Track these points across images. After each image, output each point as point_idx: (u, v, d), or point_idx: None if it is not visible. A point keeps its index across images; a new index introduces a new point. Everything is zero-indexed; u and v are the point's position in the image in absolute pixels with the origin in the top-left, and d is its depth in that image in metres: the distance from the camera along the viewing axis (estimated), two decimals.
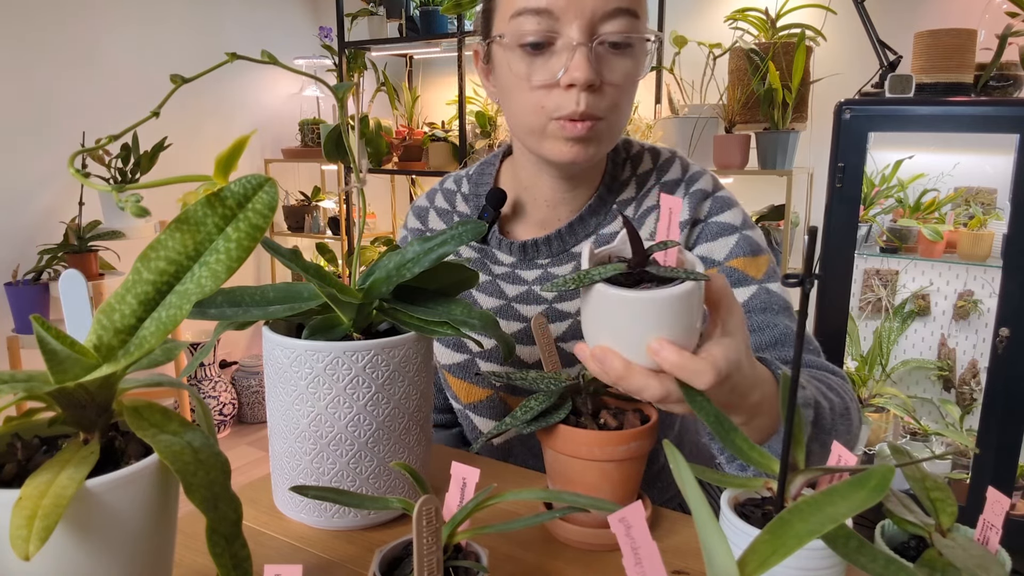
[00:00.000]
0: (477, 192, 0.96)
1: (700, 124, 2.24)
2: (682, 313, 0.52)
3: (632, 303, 0.52)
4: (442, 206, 0.99)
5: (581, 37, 0.73)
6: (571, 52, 0.74)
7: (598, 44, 0.74)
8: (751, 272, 0.84)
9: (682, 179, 0.89)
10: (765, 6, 2.22)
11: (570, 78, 0.74)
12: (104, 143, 0.57)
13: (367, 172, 3.00)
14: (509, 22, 0.76)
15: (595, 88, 0.75)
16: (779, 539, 0.37)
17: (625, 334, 0.53)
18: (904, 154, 2.14)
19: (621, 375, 0.53)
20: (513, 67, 0.78)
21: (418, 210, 1.01)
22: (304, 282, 0.65)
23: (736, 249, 0.84)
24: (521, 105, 0.79)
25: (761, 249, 0.86)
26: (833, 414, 0.70)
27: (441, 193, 1.00)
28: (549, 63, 0.76)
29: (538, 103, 0.77)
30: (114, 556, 0.42)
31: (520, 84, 0.78)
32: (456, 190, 0.99)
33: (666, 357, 0.51)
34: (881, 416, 2.22)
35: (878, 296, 2.29)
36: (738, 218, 0.87)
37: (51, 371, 0.42)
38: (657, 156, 0.92)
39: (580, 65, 0.73)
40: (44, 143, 2.54)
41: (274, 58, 0.59)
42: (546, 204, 0.91)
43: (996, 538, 0.47)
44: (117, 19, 2.72)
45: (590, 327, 0.56)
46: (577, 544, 0.65)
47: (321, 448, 0.64)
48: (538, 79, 0.76)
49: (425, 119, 3.37)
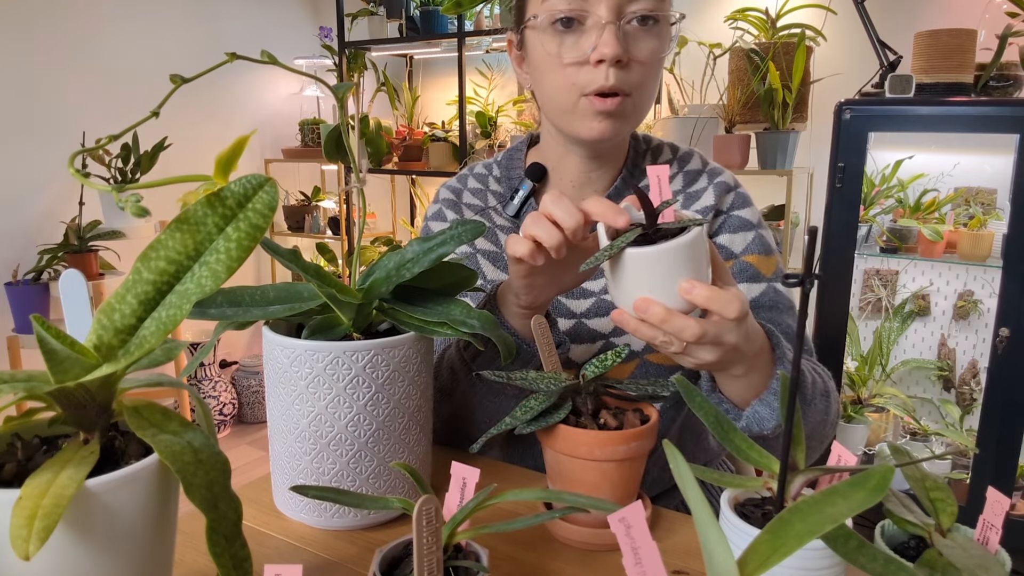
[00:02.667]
0: (509, 175, 0.98)
1: (700, 124, 2.24)
2: (699, 255, 0.60)
3: (660, 256, 0.59)
4: (475, 186, 1.01)
5: (610, 15, 0.77)
6: (600, 30, 0.78)
7: (626, 23, 0.79)
8: (763, 270, 0.88)
9: (703, 170, 0.94)
10: (765, 6, 2.22)
11: (599, 54, 0.78)
12: (104, 143, 0.57)
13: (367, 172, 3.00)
14: (542, 4, 0.81)
15: (623, 64, 0.79)
16: (779, 539, 0.37)
17: (659, 287, 0.60)
18: (904, 154, 2.14)
19: (664, 318, 0.59)
20: (546, 46, 0.81)
21: (451, 188, 1.02)
22: (304, 282, 0.65)
23: (752, 246, 0.89)
24: (553, 83, 0.83)
25: (772, 249, 0.91)
26: (815, 389, 0.76)
27: (472, 176, 1.02)
28: (579, 41, 0.80)
29: (569, 80, 0.81)
30: (114, 556, 0.42)
31: (552, 63, 0.82)
32: (488, 174, 1.02)
33: (699, 292, 0.58)
34: (881, 416, 2.22)
35: (878, 296, 2.29)
36: (755, 216, 0.92)
37: (51, 371, 0.42)
38: (676, 150, 0.97)
39: (609, 41, 0.77)
40: (44, 143, 2.54)
41: (274, 58, 0.59)
42: (572, 185, 0.93)
43: (996, 538, 0.48)
44: (117, 19, 2.72)
45: (624, 292, 0.62)
46: (577, 544, 0.65)
47: (321, 448, 0.64)
48: (569, 56, 0.80)
49: (425, 119, 3.37)
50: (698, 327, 0.60)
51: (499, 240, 0.95)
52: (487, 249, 0.95)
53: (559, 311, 0.90)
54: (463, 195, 1.00)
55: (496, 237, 0.95)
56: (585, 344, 0.88)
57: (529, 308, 0.75)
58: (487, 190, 1.00)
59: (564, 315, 0.90)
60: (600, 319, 0.89)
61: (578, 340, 0.88)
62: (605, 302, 0.89)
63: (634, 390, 0.67)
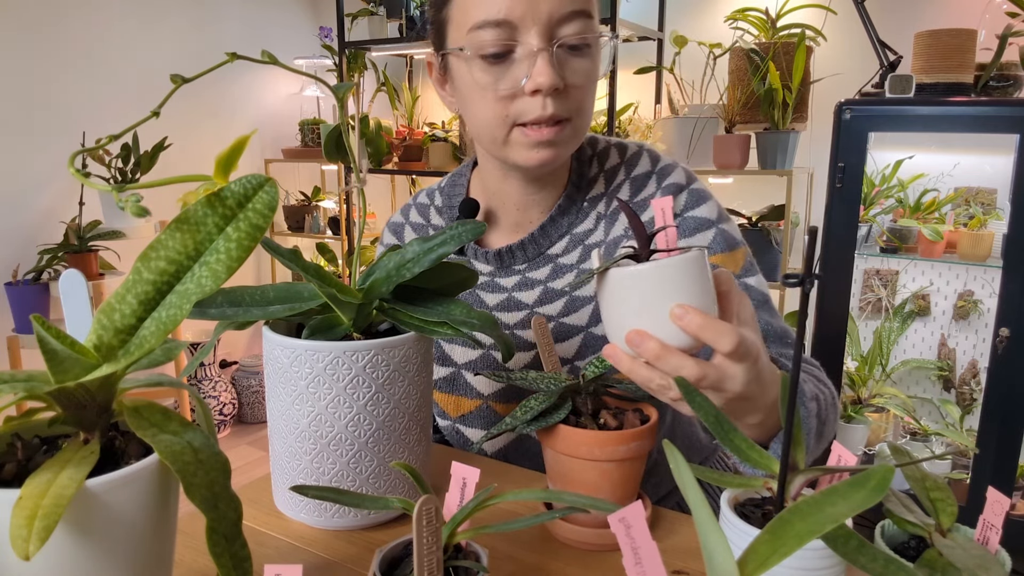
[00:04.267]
0: (450, 204, 0.96)
1: (700, 124, 2.24)
2: (697, 280, 0.54)
3: (646, 275, 0.54)
4: (416, 220, 0.99)
5: (541, 43, 0.74)
6: (532, 58, 0.74)
7: (558, 48, 0.75)
8: (729, 267, 0.83)
9: (652, 171, 0.89)
10: (765, 6, 2.22)
11: (535, 84, 0.74)
12: (104, 143, 0.57)
13: (367, 172, 3.00)
14: (468, 35, 0.76)
15: (560, 91, 0.76)
16: (779, 539, 0.37)
17: (650, 313, 0.54)
18: (904, 154, 2.14)
19: (659, 354, 0.54)
20: (474, 75, 0.77)
21: (393, 226, 1.01)
22: (304, 282, 0.65)
23: (713, 245, 0.84)
24: (484, 115, 0.79)
25: (737, 243, 0.85)
26: (826, 404, 0.72)
27: (415, 208, 1.01)
28: (511, 71, 0.76)
29: (502, 112, 0.77)
30: (114, 556, 0.42)
31: (483, 94, 0.78)
32: (430, 204, 1.00)
33: (691, 319, 0.53)
34: (881, 416, 2.22)
35: (878, 296, 2.29)
36: (714, 212, 0.86)
37: (51, 371, 0.42)
38: (624, 150, 0.91)
39: (543, 70, 0.74)
40: (44, 143, 2.54)
41: (274, 58, 0.59)
42: (516, 208, 0.91)
43: (996, 538, 0.47)
44: (117, 19, 2.72)
45: (614, 322, 0.57)
46: (577, 544, 0.65)
47: (321, 448, 0.64)
48: (502, 88, 0.76)
49: (425, 119, 3.37)
50: (697, 368, 0.54)
51: None
52: None
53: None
54: (404, 230, 0.99)
55: None
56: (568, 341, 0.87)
57: None
58: (428, 224, 0.98)
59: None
60: (575, 314, 0.87)
61: (559, 339, 0.87)
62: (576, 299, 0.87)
63: (634, 390, 0.67)
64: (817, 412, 0.68)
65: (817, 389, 0.72)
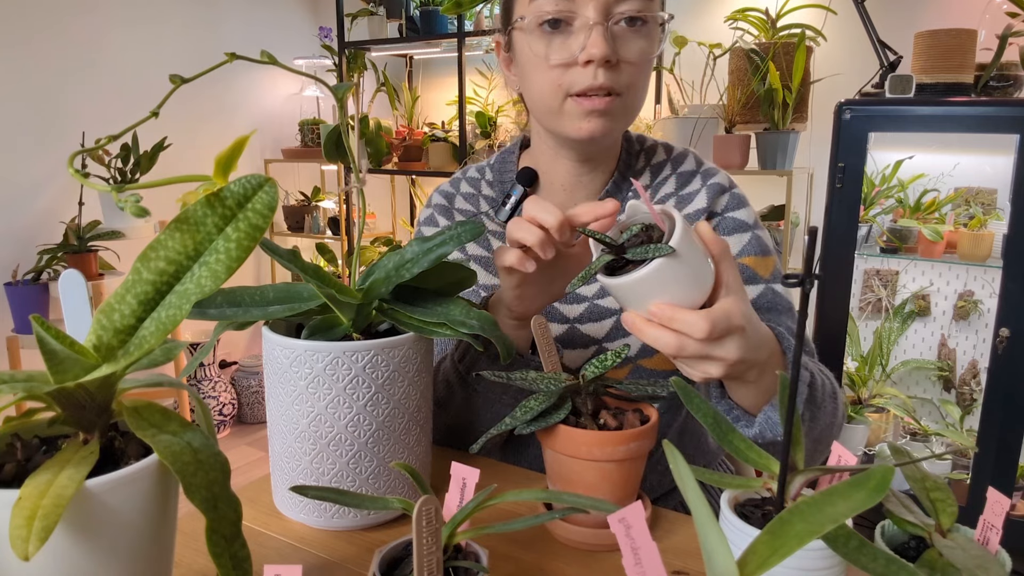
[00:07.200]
0: (501, 179, 0.98)
1: (700, 124, 2.24)
2: (666, 282, 0.58)
3: (622, 286, 0.59)
4: (467, 191, 1.01)
5: (597, 16, 0.77)
6: (588, 31, 0.77)
7: (614, 24, 0.78)
8: (760, 271, 0.87)
9: (697, 171, 0.93)
10: (765, 6, 2.22)
11: (588, 54, 0.77)
12: (104, 143, 0.57)
13: (367, 172, 3.00)
14: (529, 5, 0.80)
15: (612, 64, 0.78)
16: (779, 539, 0.37)
17: (635, 307, 0.61)
18: (904, 154, 2.14)
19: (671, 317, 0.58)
20: (533, 47, 0.81)
21: (444, 192, 1.02)
22: (304, 282, 0.65)
23: (748, 247, 0.88)
24: (540, 85, 0.82)
25: (769, 250, 0.89)
26: (824, 391, 0.74)
27: (465, 180, 1.02)
28: (567, 42, 0.79)
29: (556, 81, 0.80)
30: (114, 556, 0.42)
31: (539, 64, 0.81)
32: (480, 177, 1.01)
33: (661, 317, 0.58)
34: (881, 416, 2.22)
35: (878, 296, 2.29)
36: (751, 217, 0.91)
37: (51, 371, 0.42)
38: (671, 150, 0.96)
39: (597, 42, 0.77)
40: (44, 143, 2.54)
41: (274, 58, 0.59)
42: (563, 189, 0.92)
43: (996, 538, 0.47)
44: (117, 19, 2.72)
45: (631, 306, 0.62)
46: (577, 544, 0.65)
47: (321, 448, 0.64)
48: (557, 57, 0.79)
49: (425, 119, 3.37)
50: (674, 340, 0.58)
51: (491, 246, 0.95)
52: (479, 255, 0.95)
53: (552, 316, 0.89)
54: (455, 200, 1.00)
55: (488, 243, 0.95)
56: (579, 349, 0.88)
57: (521, 319, 0.75)
58: (479, 195, 0.99)
59: (557, 320, 0.89)
60: (593, 324, 0.88)
61: (571, 345, 0.88)
62: (598, 307, 0.89)
63: (633, 390, 0.67)
64: (810, 387, 0.71)
65: (818, 373, 0.75)
